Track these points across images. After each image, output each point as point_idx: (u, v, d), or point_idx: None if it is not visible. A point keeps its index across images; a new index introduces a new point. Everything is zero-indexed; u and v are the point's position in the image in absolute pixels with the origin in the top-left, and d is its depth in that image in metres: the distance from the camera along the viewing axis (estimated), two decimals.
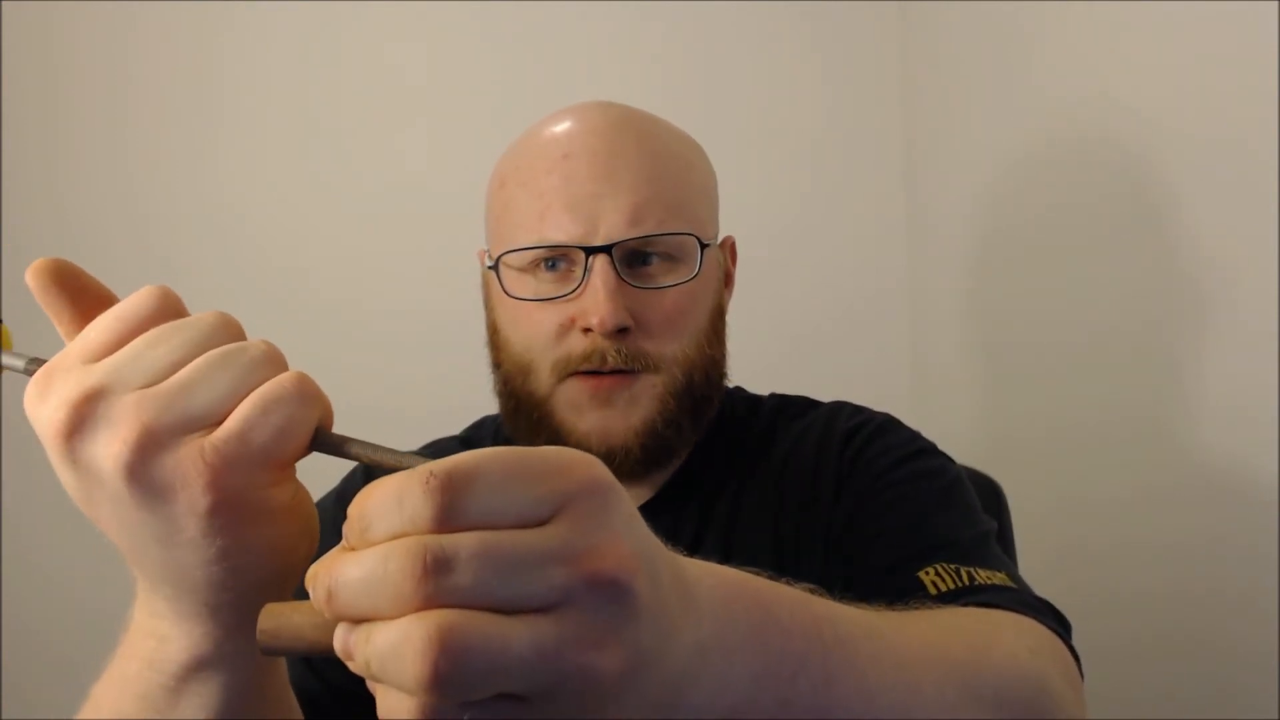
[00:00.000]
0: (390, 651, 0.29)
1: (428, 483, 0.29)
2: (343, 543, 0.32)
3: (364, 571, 0.30)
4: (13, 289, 1.41)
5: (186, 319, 0.38)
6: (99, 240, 1.47)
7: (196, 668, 0.42)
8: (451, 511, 0.29)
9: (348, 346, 1.49)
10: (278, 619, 0.33)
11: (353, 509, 0.31)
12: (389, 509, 0.30)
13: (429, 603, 0.29)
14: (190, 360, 0.36)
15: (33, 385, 0.37)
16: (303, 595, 0.35)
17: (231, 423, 0.36)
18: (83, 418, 0.35)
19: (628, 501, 0.33)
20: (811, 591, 0.43)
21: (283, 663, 0.48)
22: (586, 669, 0.30)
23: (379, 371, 1.49)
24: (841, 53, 1.60)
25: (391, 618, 0.29)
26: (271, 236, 1.52)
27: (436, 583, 0.29)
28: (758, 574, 0.41)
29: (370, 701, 0.32)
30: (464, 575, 0.29)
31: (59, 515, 1.41)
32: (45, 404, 0.36)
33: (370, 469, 0.84)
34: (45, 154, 1.48)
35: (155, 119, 1.51)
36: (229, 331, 0.38)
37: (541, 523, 0.31)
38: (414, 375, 1.49)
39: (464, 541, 0.29)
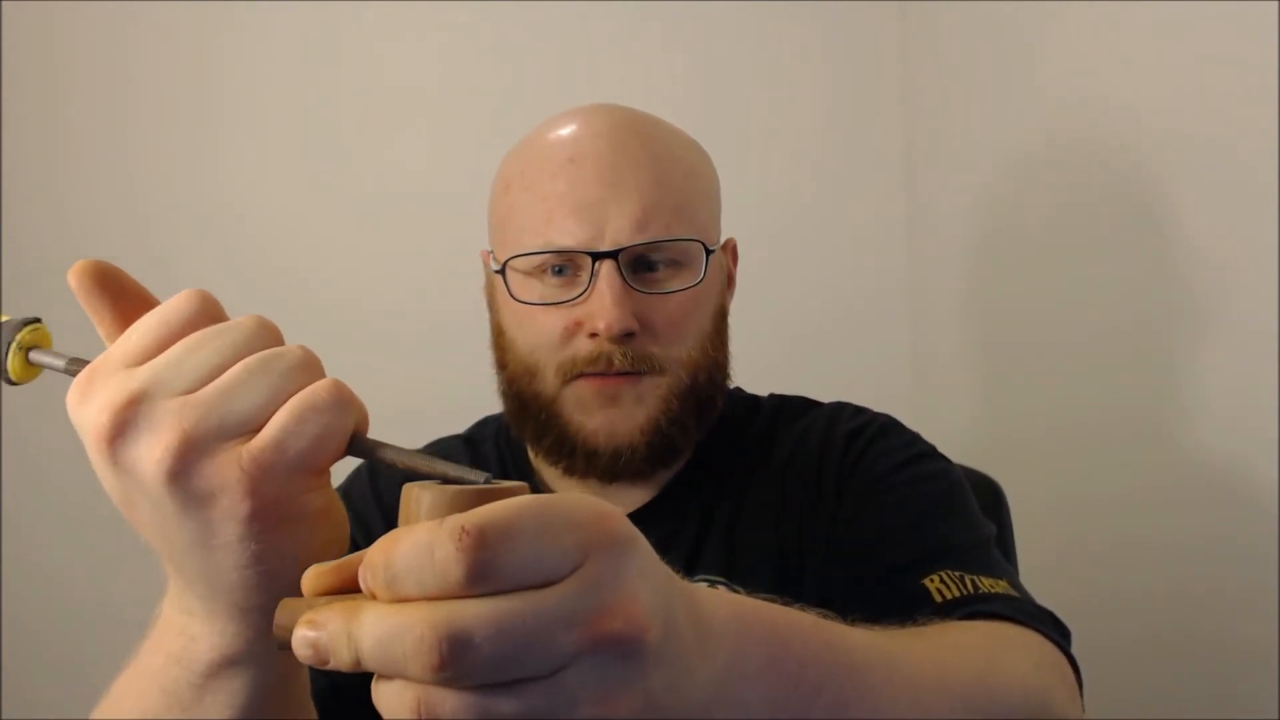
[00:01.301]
0: (389, 708, 0.31)
1: (460, 539, 0.29)
2: (362, 581, 0.32)
3: (383, 637, 0.30)
4: (13, 289, 1.41)
5: (225, 323, 0.38)
6: (99, 240, 1.47)
7: (224, 665, 0.43)
8: (482, 571, 0.29)
9: (349, 346, 1.49)
10: (294, 614, 0.33)
11: (377, 554, 0.31)
12: (420, 562, 0.30)
13: (440, 684, 0.30)
14: (230, 365, 0.37)
15: (75, 387, 0.38)
16: None
17: (269, 431, 0.36)
18: (125, 422, 0.36)
19: (645, 552, 0.33)
20: (824, 616, 0.45)
21: (305, 667, 0.48)
22: None
23: (380, 371, 1.49)
24: (841, 53, 1.60)
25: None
26: (272, 236, 1.52)
27: (453, 670, 0.29)
28: (770, 600, 0.43)
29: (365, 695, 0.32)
30: (477, 661, 0.29)
31: (59, 515, 1.42)
32: (88, 406, 0.37)
33: (374, 470, 0.84)
34: (45, 154, 1.48)
35: (155, 119, 1.51)
36: (267, 335, 0.38)
37: (561, 577, 0.31)
38: (416, 375, 1.49)
39: (479, 622, 0.29)
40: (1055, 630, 0.62)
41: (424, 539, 0.30)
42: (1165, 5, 1.04)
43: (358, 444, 0.38)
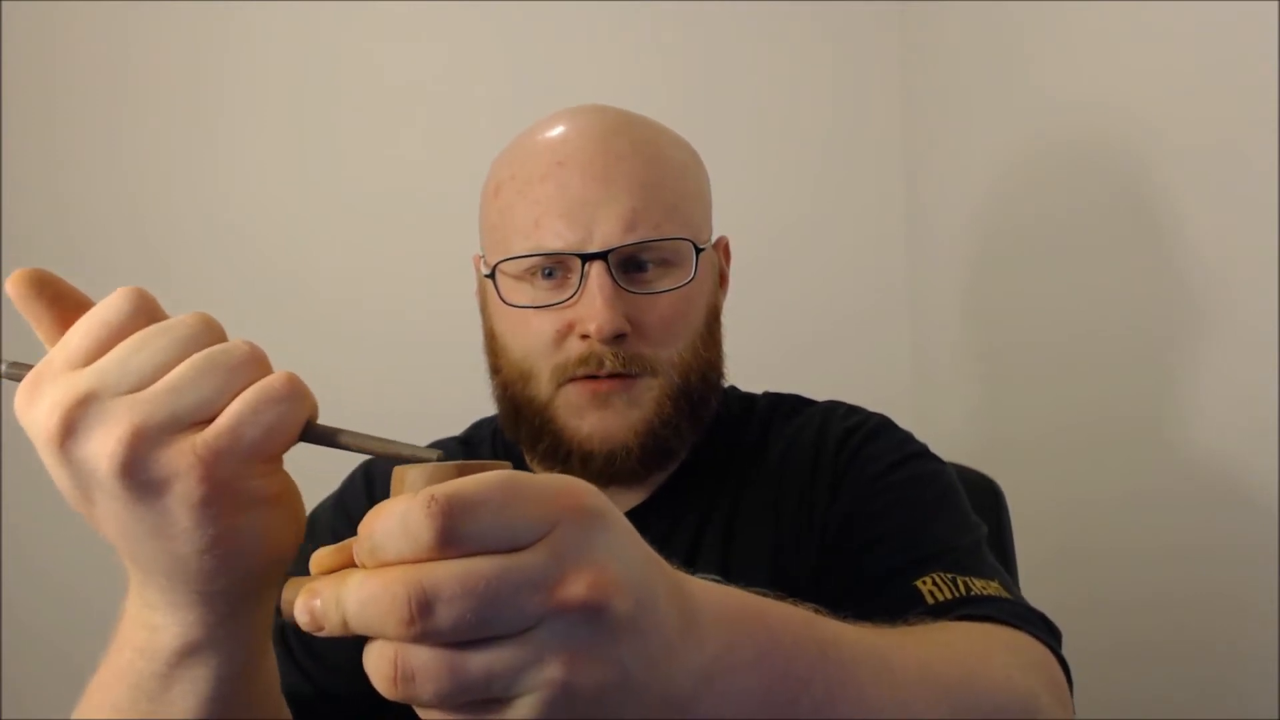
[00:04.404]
0: (372, 666, 0.33)
1: (429, 507, 0.32)
2: (354, 554, 0.34)
3: (363, 599, 0.32)
4: None
5: (169, 321, 0.39)
6: (99, 240, 1.47)
7: (187, 653, 0.43)
8: (450, 536, 0.32)
9: (347, 347, 1.50)
10: (299, 590, 0.35)
11: (363, 527, 0.33)
12: (395, 530, 0.32)
13: (415, 640, 0.32)
14: (176, 363, 0.37)
15: (21, 391, 0.38)
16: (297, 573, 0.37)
17: (225, 419, 0.37)
18: (75, 421, 0.36)
19: (619, 527, 0.35)
20: (816, 611, 0.45)
21: (271, 655, 0.50)
22: (554, 684, 0.32)
23: (379, 372, 1.50)
24: (842, 53, 1.60)
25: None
26: (271, 237, 1.52)
27: (421, 626, 0.31)
28: (763, 594, 0.43)
29: (358, 706, 0.34)
30: (445, 617, 0.31)
31: (59, 515, 1.41)
32: (35, 409, 0.37)
33: (369, 473, 0.85)
34: (45, 154, 1.49)
35: (155, 119, 1.51)
36: (211, 333, 0.39)
37: (529, 544, 0.33)
38: (414, 376, 1.49)
39: (447, 580, 0.31)
40: (1045, 632, 0.62)
41: (400, 509, 0.32)
42: (1164, 7, 1.04)
43: (311, 432, 0.39)
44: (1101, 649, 1.06)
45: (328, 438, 0.39)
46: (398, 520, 0.32)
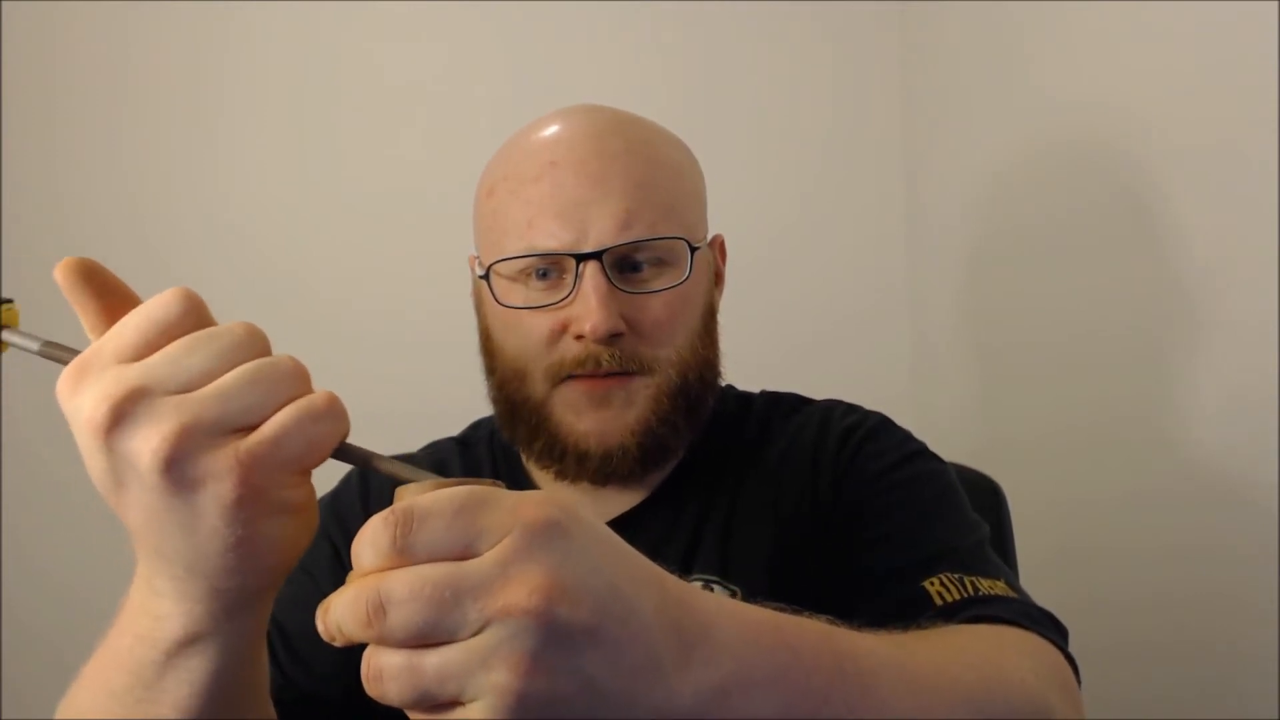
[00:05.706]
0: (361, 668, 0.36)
1: (387, 519, 0.35)
2: None
3: (340, 605, 0.35)
4: (12, 288, 1.41)
5: (218, 328, 0.40)
6: (98, 240, 1.47)
7: (189, 642, 0.44)
8: (403, 545, 0.35)
9: (347, 347, 1.49)
10: None
11: (354, 544, 0.36)
12: (366, 544, 0.35)
13: (376, 641, 0.35)
14: (223, 370, 0.39)
15: (66, 378, 0.39)
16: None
17: (268, 429, 0.39)
18: (123, 414, 0.37)
19: (586, 539, 0.36)
20: (831, 622, 0.46)
21: (265, 653, 0.51)
22: (502, 689, 0.34)
23: (379, 372, 1.49)
24: (842, 53, 1.60)
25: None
26: (271, 237, 1.52)
27: (377, 627, 0.34)
28: (779, 608, 0.44)
29: (341, 710, 0.36)
30: (396, 619, 0.34)
31: (59, 515, 1.42)
32: (81, 397, 0.38)
33: (364, 475, 0.85)
34: (45, 154, 1.49)
35: (155, 119, 1.51)
36: (257, 344, 0.40)
37: (479, 554, 0.35)
38: (414, 376, 1.49)
39: (398, 585, 0.34)
40: (1054, 631, 0.62)
41: (370, 526, 0.35)
42: (1164, 7, 1.04)
43: (345, 451, 0.41)
44: (1101, 649, 1.06)
45: (360, 459, 0.41)
46: (369, 533, 0.35)
